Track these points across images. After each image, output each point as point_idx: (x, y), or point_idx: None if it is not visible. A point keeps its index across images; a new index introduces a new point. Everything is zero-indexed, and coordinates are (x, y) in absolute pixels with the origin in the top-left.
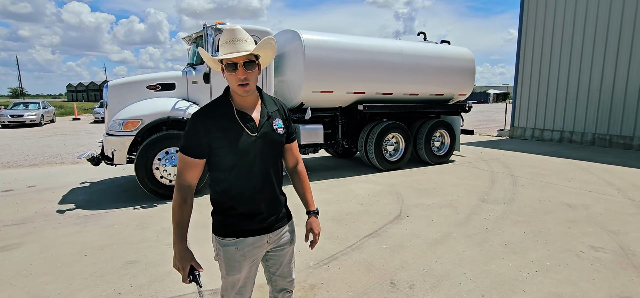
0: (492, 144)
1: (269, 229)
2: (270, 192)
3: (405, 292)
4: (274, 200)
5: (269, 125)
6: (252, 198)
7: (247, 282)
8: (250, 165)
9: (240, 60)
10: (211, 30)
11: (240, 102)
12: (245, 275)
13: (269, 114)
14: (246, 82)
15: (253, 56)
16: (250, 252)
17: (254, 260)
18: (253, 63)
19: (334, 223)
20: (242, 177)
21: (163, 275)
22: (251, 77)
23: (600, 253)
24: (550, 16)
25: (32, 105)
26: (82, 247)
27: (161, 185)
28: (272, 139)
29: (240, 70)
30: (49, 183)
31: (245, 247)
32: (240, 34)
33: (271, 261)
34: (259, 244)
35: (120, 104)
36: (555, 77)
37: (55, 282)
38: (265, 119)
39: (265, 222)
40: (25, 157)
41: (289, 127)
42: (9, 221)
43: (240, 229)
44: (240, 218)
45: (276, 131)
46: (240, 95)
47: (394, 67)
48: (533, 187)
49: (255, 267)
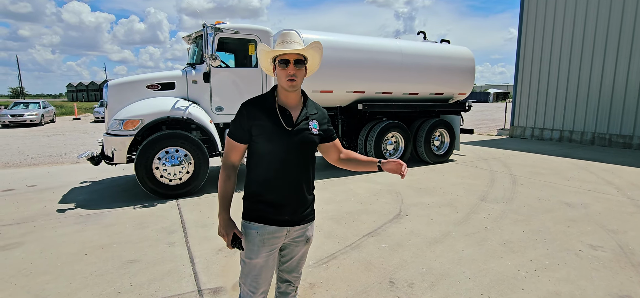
0: (492, 143)
1: (290, 223)
2: (298, 187)
3: (404, 290)
4: (301, 196)
5: (306, 124)
6: (279, 189)
7: (263, 271)
8: (282, 157)
9: (291, 57)
10: (211, 30)
11: (285, 98)
12: (262, 262)
13: (308, 114)
14: (294, 78)
15: (302, 57)
16: (269, 240)
17: (272, 249)
18: (302, 63)
19: (334, 222)
20: (274, 167)
21: (163, 274)
22: (299, 74)
23: (599, 252)
24: (550, 15)
25: (33, 105)
26: (82, 246)
27: (161, 185)
28: (306, 137)
29: (291, 66)
30: (49, 183)
31: (265, 233)
32: (294, 37)
33: (284, 252)
34: (279, 235)
35: (120, 104)
36: (555, 76)
37: (55, 281)
38: (303, 118)
39: (288, 215)
40: (25, 156)
41: (326, 130)
42: (9, 220)
43: (263, 216)
44: (265, 206)
45: (311, 131)
46: (287, 90)
47: (393, 66)
48: (532, 186)
49: (272, 259)
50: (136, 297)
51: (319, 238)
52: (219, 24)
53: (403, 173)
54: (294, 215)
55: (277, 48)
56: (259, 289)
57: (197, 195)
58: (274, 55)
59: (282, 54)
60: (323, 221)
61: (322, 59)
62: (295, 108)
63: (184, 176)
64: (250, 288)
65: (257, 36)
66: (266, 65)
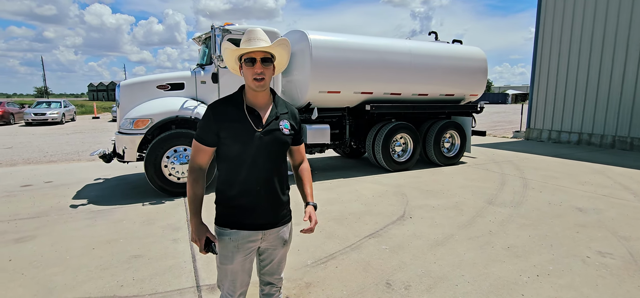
0: (506, 145)
1: (265, 226)
2: (271, 189)
3: (400, 292)
4: (274, 198)
5: (276, 124)
6: (252, 192)
7: (240, 274)
8: (253, 159)
9: (258, 55)
10: (219, 31)
11: (253, 98)
12: (238, 267)
13: (278, 114)
14: (262, 77)
15: (269, 54)
16: (244, 244)
17: (248, 254)
18: (269, 61)
19: (336, 222)
20: (245, 170)
21: (164, 270)
22: (267, 73)
23: (607, 259)
24: (569, 14)
25: (54, 104)
26: (90, 240)
27: (169, 183)
28: (277, 138)
29: (258, 64)
30: (65, 179)
31: (239, 239)
32: (260, 34)
33: (263, 255)
34: (254, 239)
35: (131, 103)
36: (574, 76)
37: (62, 274)
38: (273, 117)
39: (262, 218)
40: (45, 153)
41: (297, 131)
42: (25, 214)
43: (236, 221)
44: (238, 210)
45: (282, 131)
46: (254, 90)
47: (402, 67)
48: (544, 190)
49: (249, 262)
50: (137, 290)
51: (319, 238)
52: (227, 25)
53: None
54: (268, 218)
55: (243, 46)
56: (236, 292)
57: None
58: (239, 53)
59: (248, 52)
60: (325, 222)
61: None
62: (264, 108)
63: None
64: (228, 291)
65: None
66: (232, 65)
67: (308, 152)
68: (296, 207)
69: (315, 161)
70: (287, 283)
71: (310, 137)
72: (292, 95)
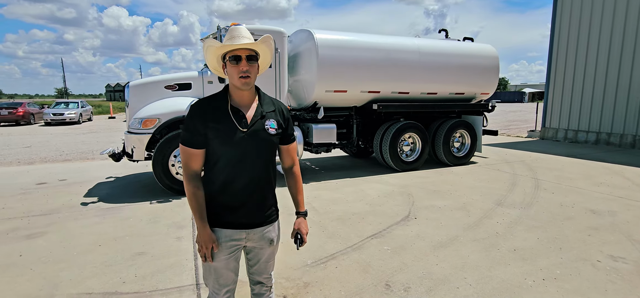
0: (520, 145)
1: (248, 226)
2: (255, 189)
3: (399, 294)
4: (258, 199)
5: (261, 124)
6: (236, 192)
7: (224, 272)
8: (238, 159)
9: (243, 53)
10: (224, 32)
11: (237, 98)
12: (221, 265)
13: (263, 113)
14: (247, 75)
15: (254, 52)
16: (227, 242)
17: (231, 252)
18: (254, 58)
19: (339, 222)
20: (228, 170)
21: (166, 267)
22: (252, 71)
23: (619, 264)
24: (587, 8)
25: (72, 105)
26: (97, 237)
27: (176, 181)
28: (262, 138)
29: (243, 62)
30: (78, 178)
31: (222, 237)
32: (243, 32)
33: (250, 255)
34: (237, 237)
35: (140, 103)
36: (592, 74)
37: (69, 269)
38: (258, 117)
39: (246, 218)
40: (61, 152)
41: (286, 129)
42: (38, 212)
43: (219, 220)
44: (222, 209)
45: (267, 131)
46: (239, 88)
47: (410, 65)
48: (556, 191)
49: (233, 260)
50: (138, 287)
51: (321, 238)
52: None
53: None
54: (251, 218)
55: (226, 43)
56: (221, 290)
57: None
58: (224, 51)
59: (232, 50)
60: (328, 222)
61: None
62: (250, 107)
63: None
64: (213, 288)
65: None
66: (214, 64)
67: (314, 152)
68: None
69: (322, 160)
70: (285, 282)
71: (317, 136)
72: (299, 95)
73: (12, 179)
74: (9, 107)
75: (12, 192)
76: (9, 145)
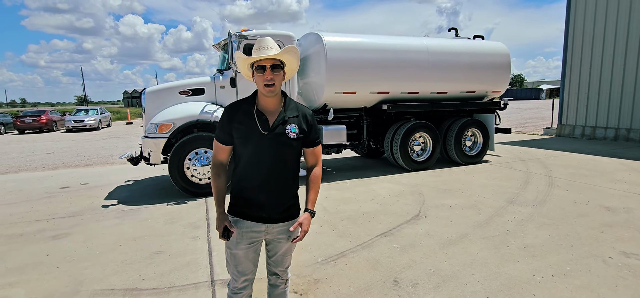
0: (535, 143)
1: (268, 220)
2: (274, 188)
3: (407, 290)
4: (277, 197)
5: (282, 129)
6: (257, 188)
7: (243, 261)
8: (259, 159)
9: (267, 63)
10: (235, 37)
11: (263, 103)
12: (242, 254)
13: (286, 118)
14: (272, 83)
15: (279, 62)
16: (247, 233)
17: (252, 243)
18: (279, 67)
19: (349, 221)
20: (251, 168)
21: (183, 265)
22: (276, 79)
23: (632, 260)
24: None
25: (92, 112)
26: (118, 237)
27: (191, 183)
28: (282, 141)
29: (268, 71)
30: (98, 181)
31: (243, 227)
32: (269, 43)
33: (269, 246)
34: (257, 230)
35: (156, 109)
36: (609, 68)
37: (92, 267)
38: (280, 122)
39: (265, 212)
40: (82, 157)
41: (309, 133)
42: (62, 214)
43: (242, 211)
44: (244, 202)
45: (288, 134)
46: (265, 95)
47: (419, 65)
48: (571, 189)
49: (253, 252)
50: (157, 283)
51: (332, 236)
52: (244, 31)
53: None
54: (270, 214)
55: (254, 54)
56: (240, 278)
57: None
58: (251, 61)
59: (258, 60)
60: (339, 220)
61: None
62: (274, 112)
63: None
64: (233, 275)
65: (280, 41)
66: (245, 71)
67: (324, 153)
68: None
69: (333, 161)
70: (296, 279)
71: (327, 137)
72: (309, 97)
73: (37, 183)
74: (33, 115)
75: (38, 196)
76: (34, 152)
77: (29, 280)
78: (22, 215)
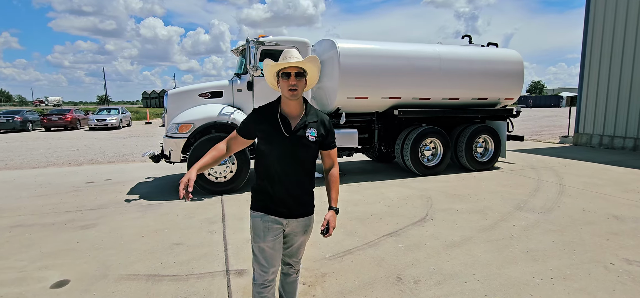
0: (550, 151)
1: (287, 215)
2: (293, 186)
3: (409, 286)
4: (296, 194)
5: (303, 132)
6: (276, 186)
7: (270, 253)
8: (280, 158)
9: (292, 70)
10: (253, 43)
11: (286, 107)
12: (269, 245)
13: (306, 123)
14: (295, 88)
15: (302, 69)
16: (272, 226)
17: (276, 235)
18: (302, 75)
19: (358, 222)
20: (272, 166)
21: (200, 256)
22: (299, 85)
23: (633, 267)
24: (622, 6)
25: (113, 111)
26: (140, 229)
27: (209, 182)
28: (302, 143)
29: (292, 77)
30: (121, 177)
31: (267, 221)
32: (294, 53)
33: (286, 238)
34: (279, 222)
35: (177, 110)
36: (629, 75)
37: (118, 255)
38: (301, 126)
39: (286, 207)
40: (105, 155)
41: (326, 137)
42: (89, 206)
43: (265, 206)
44: (267, 198)
45: (307, 137)
46: (288, 99)
47: (431, 72)
48: (581, 197)
49: (278, 243)
50: (177, 271)
51: (339, 235)
52: (261, 37)
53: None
54: (289, 209)
55: (280, 62)
56: (269, 269)
57: (239, 192)
58: (277, 69)
59: (284, 67)
60: (347, 220)
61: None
62: (296, 117)
63: (228, 175)
64: (261, 269)
65: (296, 47)
66: (270, 79)
67: None
68: (322, 207)
69: (344, 164)
70: (305, 272)
71: (338, 140)
72: (322, 101)
73: (65, 178)
74: (59, 114)
75: (66, 189)
76: (60, 149)
77: (62, 264)
78: (53, 206)
